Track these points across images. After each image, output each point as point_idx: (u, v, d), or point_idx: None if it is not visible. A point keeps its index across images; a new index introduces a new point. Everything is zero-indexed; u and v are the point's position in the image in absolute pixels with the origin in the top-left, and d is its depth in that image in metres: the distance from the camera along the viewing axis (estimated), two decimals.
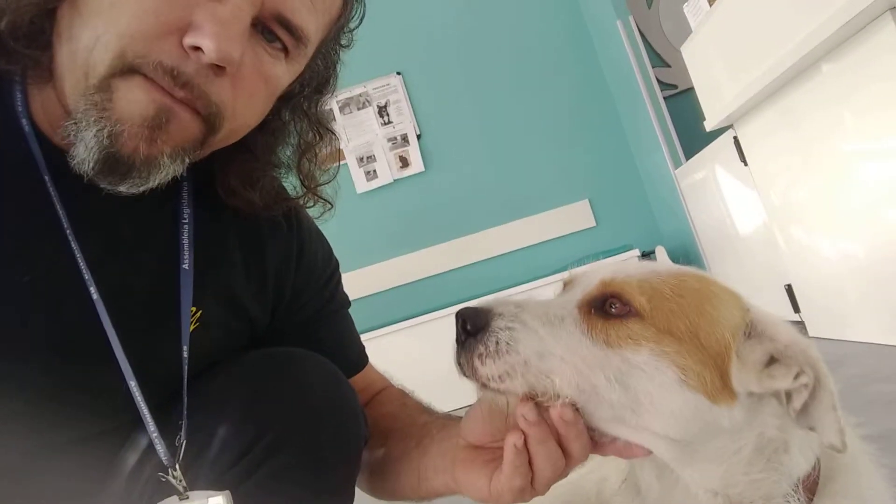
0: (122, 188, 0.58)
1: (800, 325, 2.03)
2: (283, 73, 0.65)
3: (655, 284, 0.55)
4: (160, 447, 0.64)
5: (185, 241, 0.68)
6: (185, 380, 0.67)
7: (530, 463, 0.57)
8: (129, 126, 0.55)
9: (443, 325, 2.73)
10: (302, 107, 0.74)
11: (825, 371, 0.52)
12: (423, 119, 3.29)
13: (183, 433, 0.65)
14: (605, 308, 0.55)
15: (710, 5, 1.95)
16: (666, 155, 2.82)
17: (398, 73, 3.26)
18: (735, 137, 2.11)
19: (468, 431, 0.64)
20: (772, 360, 0.54)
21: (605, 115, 3.29)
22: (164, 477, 0.63)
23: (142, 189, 0.59)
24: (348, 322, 0.89)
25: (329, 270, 0.87)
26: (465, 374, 0.56)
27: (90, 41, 0.55)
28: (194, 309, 0.69)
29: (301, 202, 0.78)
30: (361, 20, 0.74)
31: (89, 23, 0.55)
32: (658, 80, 2.92)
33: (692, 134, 2.70)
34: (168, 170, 0.59)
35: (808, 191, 1.83)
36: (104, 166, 0.56)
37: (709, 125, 2.20)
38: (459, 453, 0.65)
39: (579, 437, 0.55)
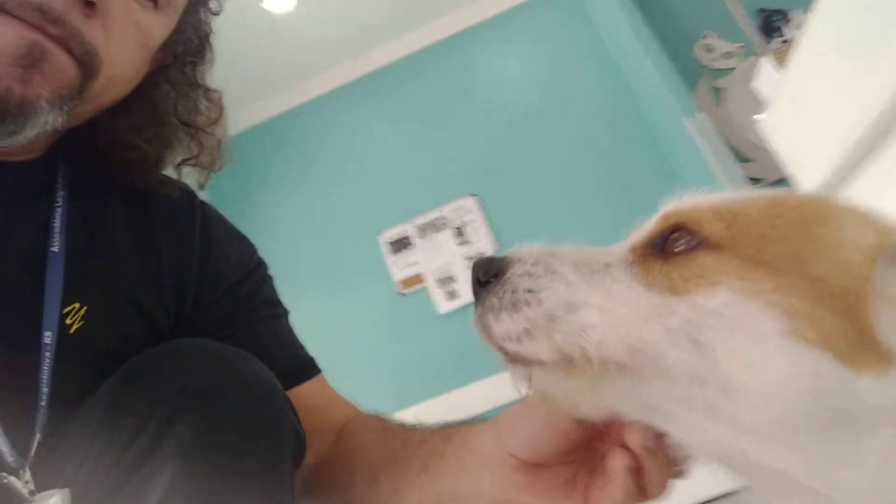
0: None
1: None
2: (153, 22, 0.64)
3: (737, 208, 0.39)
4: (4, 447, 0.55)
5: (57, 224, 0.63)
6: (49, 369, 0.58)
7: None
8: (0, 66, 0.52)
9: None
10: (182, 72, 0.74)
11: None
12: (502, 235, 3.26)
13: (38, 427, 0.56)
14: (669, 247, 0.40)
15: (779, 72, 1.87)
16: None
17: (473, 195, 3.30)
18: None
19: (519, 445, 0.51)
20: None
21: None
22: (5, 478, 0.54)
23: (19, 138, 0.55)
24: (280, 329, 0.78)
25: (244, 269, 0.77)
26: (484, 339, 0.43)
27: None
28: (78, 305, 0.62)
29: (198, 160, 0.76)
30: None
31: None
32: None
33: None
34: (47, 117, 0.55)
35: None
36: None
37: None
38: (510, 476, 0.51)
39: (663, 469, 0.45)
